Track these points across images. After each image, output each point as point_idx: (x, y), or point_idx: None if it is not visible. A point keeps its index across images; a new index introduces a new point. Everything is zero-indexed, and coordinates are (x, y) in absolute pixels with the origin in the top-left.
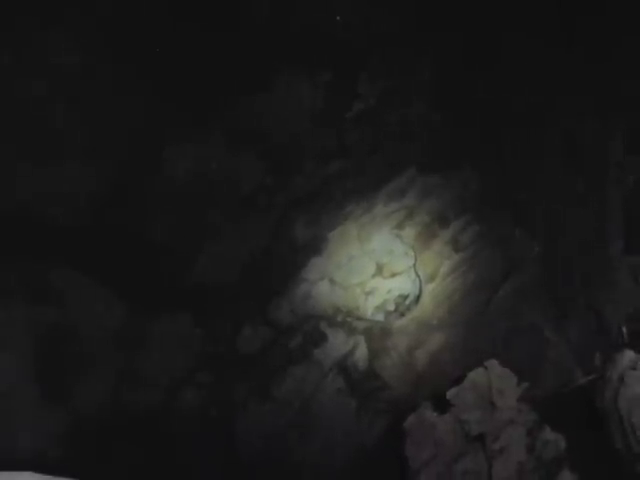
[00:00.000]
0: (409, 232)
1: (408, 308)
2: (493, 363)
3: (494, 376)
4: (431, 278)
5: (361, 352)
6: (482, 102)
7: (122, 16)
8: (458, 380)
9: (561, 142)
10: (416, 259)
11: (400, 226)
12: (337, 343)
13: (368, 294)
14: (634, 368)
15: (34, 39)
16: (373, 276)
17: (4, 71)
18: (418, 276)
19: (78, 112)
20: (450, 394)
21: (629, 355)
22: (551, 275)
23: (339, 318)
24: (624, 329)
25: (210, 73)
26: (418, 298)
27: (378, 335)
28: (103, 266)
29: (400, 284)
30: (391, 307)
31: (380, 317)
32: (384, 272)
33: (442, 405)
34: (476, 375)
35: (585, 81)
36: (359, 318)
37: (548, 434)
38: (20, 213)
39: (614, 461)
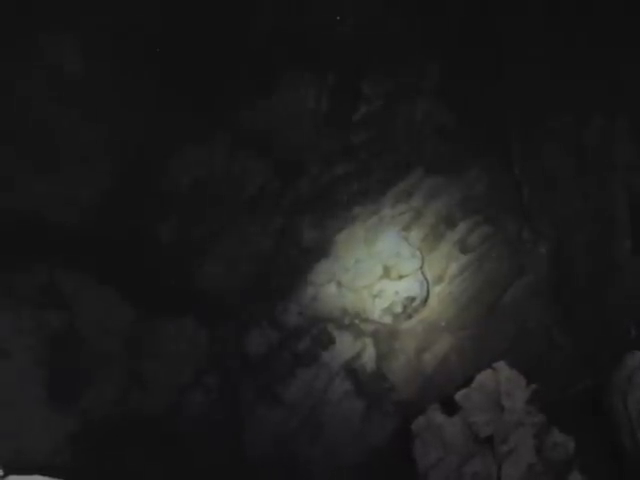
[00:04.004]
0: (416, 234)
1: (416, 310)
2: (501, 365)
3: (502, 378)
4: (439, 280)
5: (369, 354)
6: (489, 103)
7: (125, 18)
8: (466, 382)
9: (569, 143)
10: (423, 261)
11: (407, 228)
12: (345, 346)
13: (375, 296)
14: None
15: (36, 42)
16: (380, 278)
17: (6, 73)
18: (425, 278)
19: (81, 114)
20: (458, 396)
21: (637, 356)
22: (559, 276)
23: (347, 321)
24: (632, 330)
25: (215, 76)
26: (426, 300)
27: (386, 337)
28: (110, 270)
29: (407, 286)
30: (399, 309)
31: (388, 319)
32: (391, 274)
33: (450, 407)
34: (484, 377)
35: (591, 82)
36: (367, 320)
37: (557, 436)
38: (26, 216)
39: (623, 462)
